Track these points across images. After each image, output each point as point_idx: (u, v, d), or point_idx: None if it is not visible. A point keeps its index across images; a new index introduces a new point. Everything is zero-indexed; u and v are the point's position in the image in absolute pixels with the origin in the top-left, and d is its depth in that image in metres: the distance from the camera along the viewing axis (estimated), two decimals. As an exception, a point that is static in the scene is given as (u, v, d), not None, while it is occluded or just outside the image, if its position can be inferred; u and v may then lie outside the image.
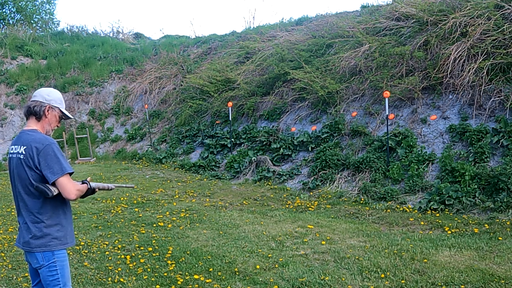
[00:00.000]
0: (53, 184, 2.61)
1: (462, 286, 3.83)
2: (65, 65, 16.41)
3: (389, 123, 7.90)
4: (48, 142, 2.64)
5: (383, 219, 6.20)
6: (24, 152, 2.64)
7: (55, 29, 22.94)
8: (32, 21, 23.18)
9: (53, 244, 2.70)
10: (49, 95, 2.79)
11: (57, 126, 2.89)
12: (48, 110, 2.76)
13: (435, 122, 7.82)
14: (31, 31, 19.94)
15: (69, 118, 2.94)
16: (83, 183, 2.79)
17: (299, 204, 7.29)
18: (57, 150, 2.65)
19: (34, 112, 2.74)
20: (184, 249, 5.11)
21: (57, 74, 16.05)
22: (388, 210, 6.59)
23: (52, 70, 16.21)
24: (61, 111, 2.84)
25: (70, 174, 2.67)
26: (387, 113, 7.80)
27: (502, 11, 7.79)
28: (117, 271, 4.54)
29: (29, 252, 2.73)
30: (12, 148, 2.75)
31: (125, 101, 15.09)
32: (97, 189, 2.93)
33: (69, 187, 2.61)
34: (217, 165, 10.33)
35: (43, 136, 2.69)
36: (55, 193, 2.64)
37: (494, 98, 7.29)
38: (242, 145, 10.51)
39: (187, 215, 6.71)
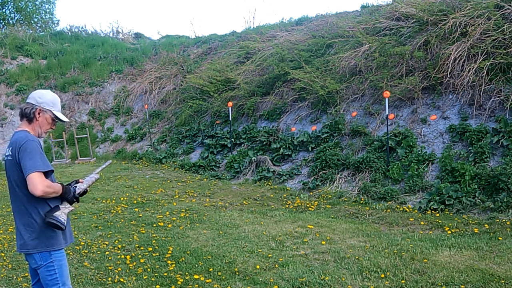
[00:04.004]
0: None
1: (462, 286, 3.82)
2: (65, 65, 16.40)
3: (389, 123, 7.89)
4: (27, 139, 2.64)
5: (383, 219, 6.20)
6: (11, 153, 2.68)
7: (55, 29, 22.97)
8: (32, 21, 23.19)
9: (50, 244, 2.71)
10: (41, 98, 2.78)
11: (52, 128, 2.86)
12: (39, 113, 2.76)
13: (435, 122, 7.82)
14: (31, 31, 19.96)
15: (63, 121, 2.90)
16: (71, 187, 2.78)
17: (299, 204, 7.29)
18: (35, 147, 2.61)
19: (25, 114, 2.75)
20: (184, 249, 5.11)
21: (57, 74, 16.05)
22: (388, 210, 6.59)
23: (52, 70, 16.21)
24: (53, 114, 2.82)
25: (48, 172, 2.62)
26: (387, 113, 7.80)
27: (502, 11, 7.79)
28: (117, 271, 4.54)
29: (27, 253, 2.75)
30: (6, 151, 2.78)
31: (125, 101, 15.09)
32: (88, 189, 2.95)
33: (35, 182, 2.51)
34: (217, 165, 10.33)
35: (25, 134, 2.69)
36: (65, 222, 2.65)
37: (494, 98, 7.29)
38: (242, 145, 10.51)
39: (187, 215, 6.71)
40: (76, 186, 2.84)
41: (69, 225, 2.89)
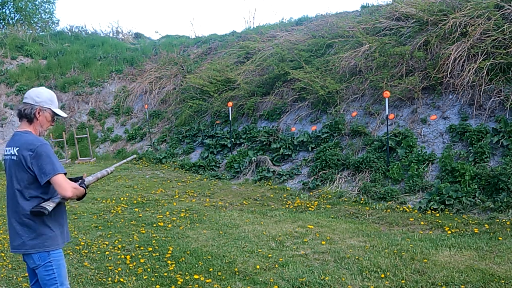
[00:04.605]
0: (46, 183, 2.61)
1: (462, 286, 3.82)
2: (65, 65, 16.41)
3: (389, 123, 7.90)
4: (40, 143, 2.65)
5: (383, 219, 6.20)
6: (17, 154, 2.67)
7: (55, 29, 22.97)
8: (32, 21, 23.19)
9: (48, 244, 2.71)
10: (39, 97, 2.78)
11: (51, 125, 2.89)
12: (38, 113, 2.76)
13: (435, 122, 7.82)
14: (31, 31, 19.94)
15: (62, 117, 2.93)
16: (80, 185, 2.80)
17: (299, 204, 7.29)
18: (49, 150, 2.65)
19: (25, 115, 2.75)
20: (184, 249, 5.11)
21: (57, 74, 16.05)
22: (388, 210, 6.59)
23: (52, 70, 16.21)
24: (52, 111, 2.83)
25: (64, 175, 2.68)
26: (387, 113, 7.80)
27: (502, 11, 7.79)
28: (117, 271, 4.54)
29: (25, 253, 2.74)
30: (6, 150, 2.76)
31: (125, 101, 15.09)
32: (96, 181, 2.96)
33: (65, 184, 2.62)
34: (217, 165, 10.33)
35: (35, 137, 2.70)
36: (51, 209, 2.65)
37: (494, 98, 7.29)
38: (242, 145, 10.51)
39: (187, 215, 6.71)
40: (84, 181, 2.87)
41: (66, 225, 2.89)
